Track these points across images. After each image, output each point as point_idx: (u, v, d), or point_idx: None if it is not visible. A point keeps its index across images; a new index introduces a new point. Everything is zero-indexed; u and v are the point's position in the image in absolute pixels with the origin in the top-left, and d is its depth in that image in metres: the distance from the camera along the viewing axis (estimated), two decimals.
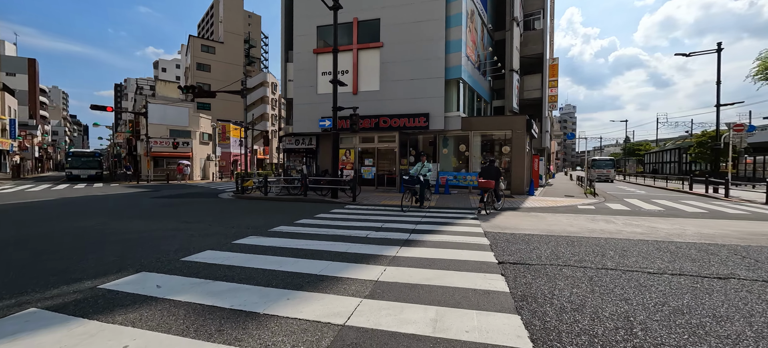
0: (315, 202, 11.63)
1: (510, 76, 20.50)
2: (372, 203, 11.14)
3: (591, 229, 6.59)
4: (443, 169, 15.79)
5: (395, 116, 15.21)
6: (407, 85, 15.33)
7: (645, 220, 7.91)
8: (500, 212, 9.13)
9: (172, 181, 26.68)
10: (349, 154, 16.97)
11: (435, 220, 7.66)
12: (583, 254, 4.58)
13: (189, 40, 47.87)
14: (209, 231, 6.16)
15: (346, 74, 16.25)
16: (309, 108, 16.60)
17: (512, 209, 9.84)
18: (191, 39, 47.40)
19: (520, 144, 14.31)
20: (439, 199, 12.15)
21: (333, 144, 12.20)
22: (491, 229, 6.54)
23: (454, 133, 15.56)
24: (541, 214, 8.93)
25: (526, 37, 23.86)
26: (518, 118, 14.55)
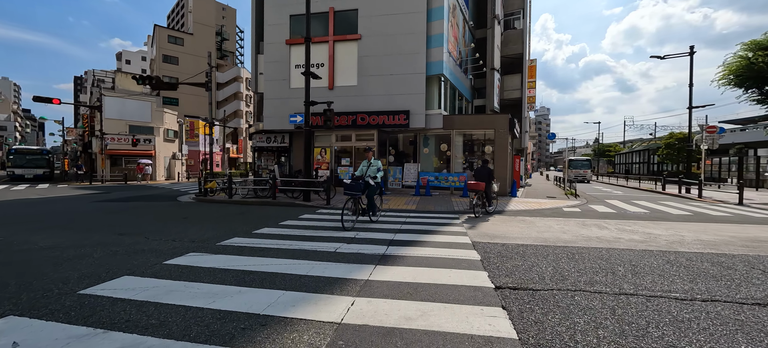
0: (284, 206, 10.53)
1: (491, 74, 20.13)
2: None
3: (586, 236, 5.99)
4: (424, 169, 15.07)
5: (374, 113, 14.32)
6: (387, 81, 14.48)
7: (636, 224, 7.46)
8: (486, 218, 8.46)
9: (130, 182, 24.45)
10: (324, 153, 15.91)
11: (416, 226, 6.84)
12: (590, 272, 3.88)
13: (155, 30, 44.78)
14: (141, 246, 5.01)
15: (322, 68, 15.18)
16: (281, 103, 15.39)
17: (498, 213, 9.21)
18: (157, 29, 44.33)
19: (503, 144, 13.83)
20: (420, 202, 11.39)
21: (305, 142, 11.14)
22: (479, 238, 5.79)
23: (435, 132, 14.88)
24: (529, 218, 8.33)
25: (507, 37, 23.66)
26: (501, 117, 14.08)
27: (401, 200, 11.82)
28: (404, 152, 16.16)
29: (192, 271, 3.80)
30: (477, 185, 8.58)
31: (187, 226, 6.77)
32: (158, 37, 44.41)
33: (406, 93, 14.24)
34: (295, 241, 5.42)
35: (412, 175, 14.96)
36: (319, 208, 9.90)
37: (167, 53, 44.57)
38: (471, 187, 8.64)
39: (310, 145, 11.24)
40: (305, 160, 11.15)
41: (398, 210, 9.60)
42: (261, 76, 16.53)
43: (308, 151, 11.21)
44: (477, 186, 8.57)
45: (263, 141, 17.47)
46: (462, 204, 10.95)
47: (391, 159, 15.74)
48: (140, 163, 25.46)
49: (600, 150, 59.93)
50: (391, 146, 15.86)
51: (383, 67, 14.51)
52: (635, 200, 13.31)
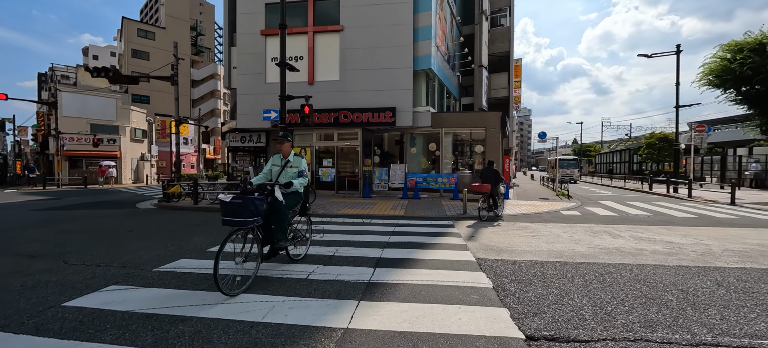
0: None
1: (479, 72, 19.48)
2: (328, 213, 9.12)
3: (604, 248, 5.18)
4: (412, 170, 14.15)
5: (357, 110, 13.27)
6: (371, 76, 13.47)
7: (648, 231, 6.77)
8: (486, 224, 7.58)
9: (91, 186, 22.37)
10: (304, 153, 14.71)
11: (407, 238, 5.86)
12: (638, 305, 3.01)
13: (123, 23, 41.97)
14: (47, 277, 3.79)
15: (301, 61, 14.00)
16: (256, 99, 14.09)
17: (495, 218, 8.37)
18: (125, 22, 41.55)
19: (494, 143, 13.09)
20: (409, 206, 10.44)
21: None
22: (483, 253, 4.87)
23: (423, 131, 13.99)
24: (530, 224, 7.52)
25: (493, 35, 23.13)
26: (492, 114, 13.35)
27: (388, 204, 10.84)
28: (390, 153, 15.20)
29: (93, 320, 2.66)
30: (482, 187, 8.12)
31: (126, 243, 5.51)
32: (127, 30, 41.64)
33: (392, 89, 13.28)
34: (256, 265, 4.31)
35: (398, 176, 14.01)
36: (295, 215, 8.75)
37: (137, 48, 41.85)
38: (476, 190, 8.15)
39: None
40: None
41: (386, 216, 8.61)
42: (235, 71, 15.16)
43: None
44: (482, 188, 8.11)
45: (237, 141, 16.09)
46: (454, 208, 10.08)
47: (376, 159, 14.75)
48: (102, 165, 23.34)
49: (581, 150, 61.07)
50: (376, 146, 14.87)
51: (367, 60, 13.49)
52: (629, 201, 12.86)
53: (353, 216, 8.67)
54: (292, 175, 3.98)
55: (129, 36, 41.57)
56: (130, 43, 41.65)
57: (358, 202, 11.54)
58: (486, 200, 8.21)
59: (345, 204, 10.91)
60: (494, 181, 8.42)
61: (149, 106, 42.15)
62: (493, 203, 8.35)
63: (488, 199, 8.24)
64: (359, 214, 8.87)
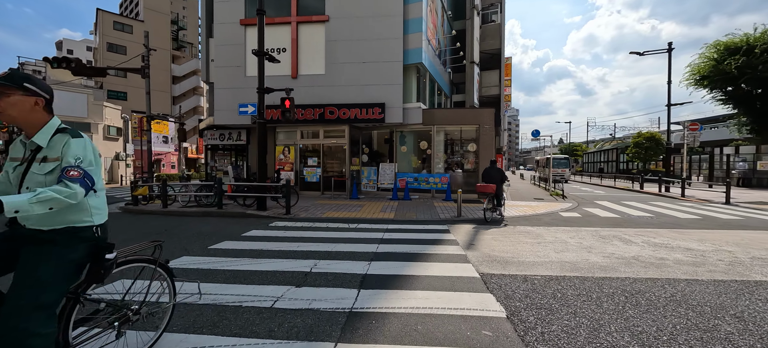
0: (231, 218, 8.44)
1: (470, 68, 18.96)
2: (312, 216, 8.31)
3: (621, 257, 4.57)
4: (402, 169, 13.45)
5: (344, 106, 12.48)
6: (359, 69, 12.69)
7: (658, 235, 6.24)
8: (485, 230, 6.93)
9: None
10: (288, 151, 13.83)
11: (398, 246, 5.14)
12: (693, 340, 2.35)
13: (98, 16, 39.86)
14: None
15: (284, 53, 13.10)
16: (234, 94, 13.12)
17: (494, 221, 7.73)
18: (100, 14, 39.45)
19: (488, 141, 12.51)
20: (399, 208, 9.72)
21: (259, 138, 9.11)
22: (487, 265, 4.19)
23: (414, 128, 13.30)
24: (532, 228, 6.90)
25: (484, 31, 22.66)
26: (486, 111, 12.77)
27: (377, 206, 10.09)
28: (379, 152, 14.46)
29: None
30: (487, 188, 7.92)
31: None
32: (102, 23, 39.54)
33: (381, 83, 12.54)
34: (219, 284, 3.51)
35: (388, 176, 13.29)
36: (275, 220, 7.92)
37: (113, 42, 39.80)
38: (481, 190, 7.98)
39: (264, 142, 9.22)
40: (259, 160, 9.11)
41: (374, 220, 7.86)
42: (213, 64, 14.13)
43: (263, 148, 9.19)
44: (488, 188, 7.91)
45: (216, 138, 15.06)
46: (447, 210, 9.41)
47: (365, 158, 13.98)
48: None
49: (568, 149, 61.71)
50: (364, 144, 14.10)
51: (355, 53, 12.71)
52: (625, 201, 12.48)
53: (338, 220, 7.90)
54: (40, 181, 1.60)
55: (104, 29, 39.49)
56: (106, 37, 39.59)
57: (345, 203, 10.77)
58: (491, 201, 7.97)
59: (330, 206, 10.12)
60: (499, 181, 8.24)
61: (126, 102, 40.23)
62: (497, 203, 8.18)
63: (493, 200, 8.01)
64: (345, 218, 8.09)
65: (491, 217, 7.91)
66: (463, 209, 8.99)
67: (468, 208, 9.67)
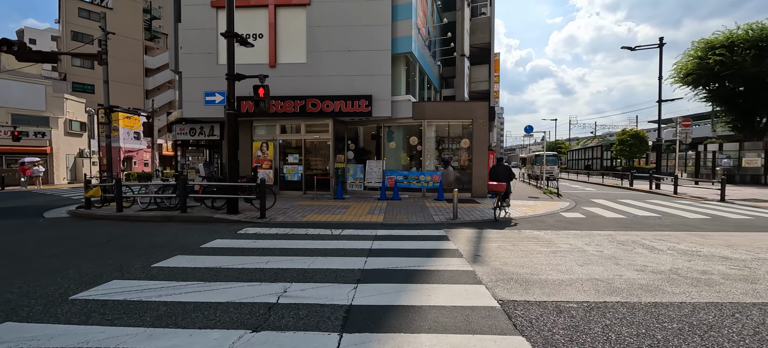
0: (196, 223, 7.32)
1: (461, 61, 18.23)
2: (289, 220, 7.30)
3: (657, 271, 3.84)
4: (391, 167, 12.55)
5: (328, 98, 11.45)
6: (344, 59, 11.68)
7: (680, 239, 5.60)
8: (488, 233, 6.12)
9: (11, 187, 18.86)
10: (266, 148, 12.68)
11: (390, 259, 4.24)
12: None
13: (61, 2, 36.94)
14: None
15: (261, 39, 11.93)
16: (205, 83, 11.84)
17: (496, 224, 6.94)
18: (64, 0, 36.57)
19: (482, 136, 11.77)
20: (388, 209, 8.83)
21: (229, 131, 8.00)
22: (506, 290, 3.34)
23: (403, 123, 12.41)
24: (538, 233, 6.15)
25: (474, 25, 21.98)
26: (480, 104, 12.01)
27: (364, 207, 9.16)
28: (366, 149, 13.52)
29: None
30: (498, 186, 7.60)
31: None
32: (66, 10, 36.65)
33: (368, 74, 11.57)
34: (146, 326, 2.51)
35: (376, 174, 12.37)
36: (245, 226, 6.86)
37: (78, 30, 36.99)
38: (492, 189, 7.72)
39: (235, 137, 8.11)
40: (229, 156, 8.01)
41: (361, 224, 6.93)
42: (181, 51, 12.76)
43: (235, 143, 8.08)
44: (498, 187, 7.60)
45: (186, 133, 13.71)
46: (441, 211, 8.59)
47: (350, 155, 13.00)
48: (25, 163, 19.76)
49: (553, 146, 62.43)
50: (350, 140, 13.11)
51: (339, 41, 11.68)
52: (622, 200, 12.02)
53: (320, 225, 6.92)
54: None
55: (68, 16, 36.64)
56: (70, 25, 36.75)
57: (329, 205, 9.78)
58: (501, 199, 7.77)
59: (312, 208, 9.11)
60: (507, 179, 8.02)
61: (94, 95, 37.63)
62: (505, 202, 7.99)
63: (503, 199, 7.81)
64: (328, 223, 7.13)
65: (501, 217, 7.75)
66: (458, 210, 8.19)
67: (463, 209, 8.88)
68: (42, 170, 20.49)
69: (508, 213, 8.18)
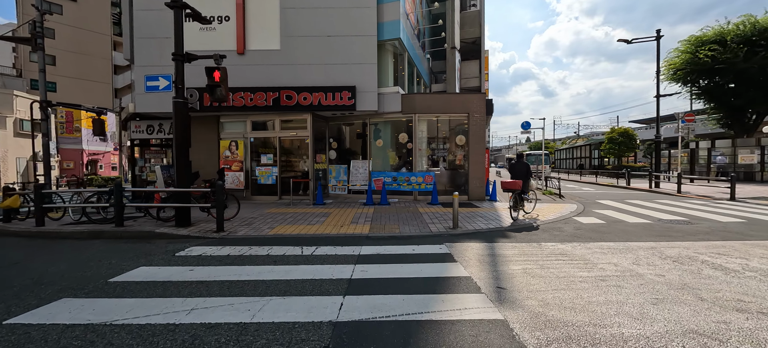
0: (129, 240, 5.75)
1: (452, 55, 17.09)
2: (252, 235, 5.84)
3: (763, 308, 2.62)
4: (378, 167, 11.20)
5: (305, 90, 10.01)
6: (323, 45, 10.27)
7: (742, 252, 4.48)
8: (505, 250, 4.84)
9: None
10: (235, 147, 11.10)
11: (379, 299, 2.89)
12: None
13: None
14: None
15: (227, 22, 10.39)
16: (160, 73, 10.17)
17: (509, 234, 5.68)
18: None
19: (479, 132, 10.57)
20: (375, 216, 7.46)
21: (177, 126, 6.47)
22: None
23: (391, 118, 11.09)
24: (562, 246, 4.92)
25: (463, 19, 20.92)
26: (477, 97, 10.81)
27: (347, 215, 7.77)
28: (350, 148, 12.13)
29: None
30: (514, 184, 7.19)
31: None
32: (22, 2, 33.70)
33: (351, 63, 10.21)
34: None
35: (361, 175, 11.00)
36: (193, 242, 5.35)
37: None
38: (507, 187, 7.24)
39: (185, 131, 6.59)
40: (178, 155, 6.47)
41: (342, 238, 5.54)
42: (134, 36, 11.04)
43: (184, 140, 6.55)
44: (514, 185, 7.18)
45: (142, 131, 11.97)
46: (437, 217, 7.29)
47: (332, 155, 11.58)
48: None
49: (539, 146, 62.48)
50: (332, 137, 11.69)
51: (318, 24, 10.27)
52: (630, 200, 11.06)
53: (289, 240, 5.50)
54: None
55: (25, 8, 33.67)
56: (27, 17, 33.75)
57: (306, 212, 8.34)
58: (518, 198, 7.23)
59: (285, 217, 7.64)
60: (525, 176, 7.59)
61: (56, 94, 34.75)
62: (521, 199, 7.42)
63: (518, 198, 7.26)
64: (300, 237, 5.71)
65: (519, 218, 7.24)
66: (460, 217, 6.91)
67: (463, 215, 7.62)
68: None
69: (528, 212, 7.88)
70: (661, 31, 15.60)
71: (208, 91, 6.37)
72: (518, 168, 7.73)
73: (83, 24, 36.60)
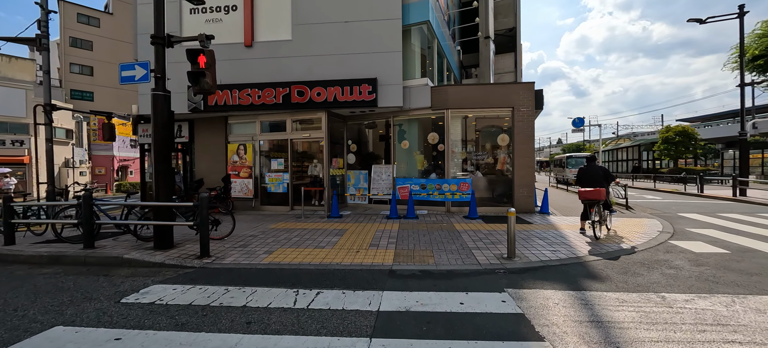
0: (92, 266, 4.53)
1: (485, 46, 15.24)
2: (242, 264, 4.44)
3: None
4: (403, 173, 9.62)
5: (319, 84, 8.66)
6: (340, 33, 8.89)
7: None
8: (615, 311, 3.08)
9: None
10: (244, 151, 9.96)
11: None
12: None
13: (60, 7, 35.83)
14: None
15: (234, 12, 9.30)
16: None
17: (594, 273, 3.89)
18: (62, 5, 35.42)
19: (526, 130, 8.69)
20: (401, 235, 5.86)
21: (157, 124, 5.26)
22: None
23: (419, 115, 9.48)
24: (706, 301, 3.08)
25: (496, 7, 18.95)
26: (523, 87, 8.93)
27: (366, 233, 6.23)
28: (373, 153, 10.66)
29: None
30: (597, 193, 5.69)
31: None
32: (64, 16, 35.50)
33: (372, 51, 8.74)
34: None
35: (383, 183, 9.47)
36: (161, 274, 4.01)
37: (76, 35, 35.77)
38: (586, 197, 5.78)
39: (169, 130, 5.35)
40: (157, 160, 5.24)
41: (356, 270, 3.99)
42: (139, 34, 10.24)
43: (164, 141, 5.32)
44: (596, 194, 5.69)
45: (150, 135, 11.13)
46: (482, 238, 5.55)
47: (351, 159, 10.14)
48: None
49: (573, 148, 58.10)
50: (351, 139, 10.27)
51: (334, 9, 8.92)
52: (723, 214, 8.71)
53: (287, 275, 4.03)
54: None
55: (66, 22, 35.46)
56: (68, 31, 35.55)
57: (317, 228, 6.89)
58: (598, 213, 5.67)
59: (291, 235, 6.23)
60: (605, 182, 5.99)
61: (93, 103, 36.28)
62: (609, 210, 6.16)
63: (600, 211, 5.72)
64: (302, 269, 4.24)
65: (601, 236, 5.64)
66: (519, 239, 5.09)
67: (525, 235, 5.84)
68: (13, 182, 18.42)
69: (609, 227, 6.25)
70: (744, 7, 12.89)
71: (191, 79, 5.10)
72: (593, 173, 6.08)
73: (118, 35, 38.04)
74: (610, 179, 6.10)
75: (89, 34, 36.61)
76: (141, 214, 5.72)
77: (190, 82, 5.12)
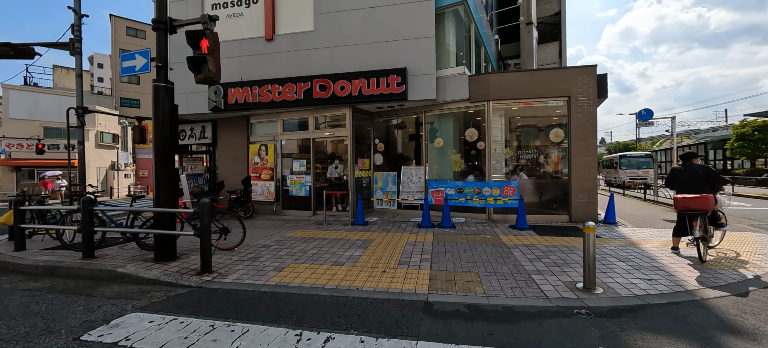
0: (84, 281, 3.96)
1: (527, 33, 13.71)
2: (247, 284, 3.65)
3: None
4: (436, 175, 8.53)
5: (342, 77, 7.84)
6: (365, 19, 8.03)
7: None
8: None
9: None
10: (265, 151, 9.39)
11: None
12: None
13: (111, 22, 38.66)
14: None
15: (255, 5, 8.77)
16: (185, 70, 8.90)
17: (725, 320, 2.63)
18: (113, 19, 38.17)
19: (587, 123, 7.26)
20: (436, 250, 4.81)
21: (158, 119, 4.66)
22: None
23: (454, 109, 8.34)
24: None
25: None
26: (582, 71, 7.50)
27: (395, 245, 5.24)
28: (402, 154, 9.70)
29: None
30: (701, 201, 4.21)
31: None
32: (115, 30, 38.23)
33: (401, 38, 7.77)
34: None
35: (414, 186, 8.44)
36: (148, 298, 3.29)
37: (126, 48, 38.31)
38: (686, 207, 4.31)
39: (173, 123, 4.74)
40: (157, 162, 4.63)
41: (380, 300, 3.02)
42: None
43: (166, 139, 4.70)
44: (700, 203, 4.21)
45: (183, 136, 10.99)
46: (538, 255, 4.34)
47: (378, 160, 9.23)
48: (46, 177, 18.97)
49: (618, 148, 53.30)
50: (377, 138, 9.36)
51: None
52: None
53: (293, 304, 3.16)
54: None
55: (117, 36, 38.15)
56: (119, 43, 38.20)
57: (339, 238, 6.01)
58: (703, 227, 4.26)
59: (309, 245, 5.41)
60: (710, 186, 4.50)
61: (139, 110, 38.63)
62: (715, 224, 4.60)
63: (705, 225, 4.29)
64: (312, 295, 3.35)
65: (709, 259, 4.30)
66: (603, 259, 3.82)
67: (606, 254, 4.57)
68: (64, 184, 19.64)
69: (712, 246, 4.75)
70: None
71: (191, 66, 4.45)
72: (692, 173, 4.65)
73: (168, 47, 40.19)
74: (718, 182, 4.60)
75: (137, 46, 39.11)
76: (143, 222, 5.16)
77: (190, 69, 4.46)
